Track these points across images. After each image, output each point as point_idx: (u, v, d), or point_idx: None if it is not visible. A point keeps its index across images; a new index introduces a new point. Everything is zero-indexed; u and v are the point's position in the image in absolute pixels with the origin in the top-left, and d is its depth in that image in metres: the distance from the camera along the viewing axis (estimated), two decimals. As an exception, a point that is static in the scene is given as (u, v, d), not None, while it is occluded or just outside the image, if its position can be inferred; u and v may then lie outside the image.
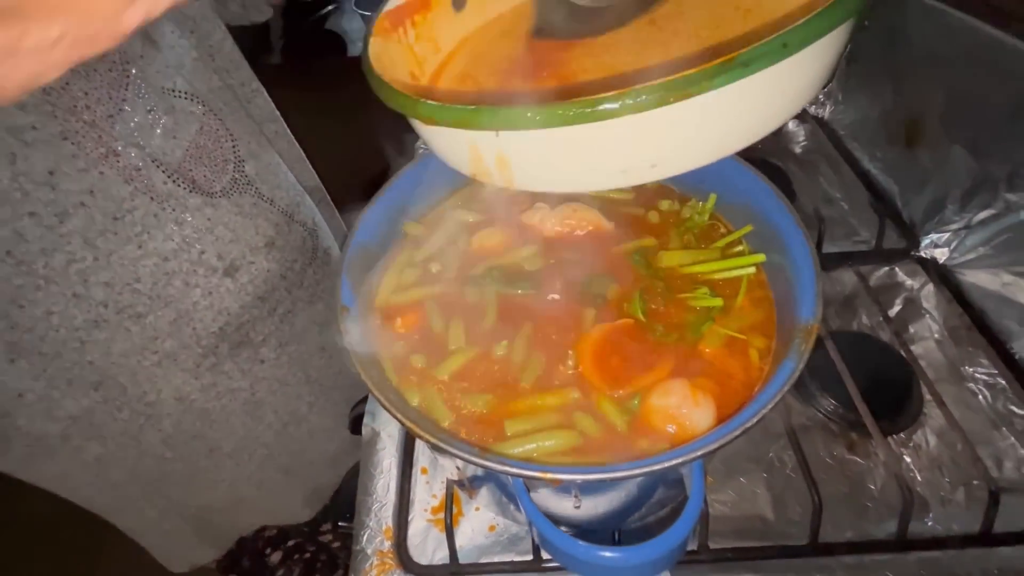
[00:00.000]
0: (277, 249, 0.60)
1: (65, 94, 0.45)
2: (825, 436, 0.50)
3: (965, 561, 0.40)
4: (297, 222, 0.63)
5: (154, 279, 0.52)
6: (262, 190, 0.58)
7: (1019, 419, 0.49)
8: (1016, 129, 0.51)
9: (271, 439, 0.67)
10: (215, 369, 0.59)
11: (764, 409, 0.28)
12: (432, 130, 0.28)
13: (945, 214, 0.59)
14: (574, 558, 0.27)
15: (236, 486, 0.67)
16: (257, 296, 0.59)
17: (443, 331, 0.40)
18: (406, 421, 0.30)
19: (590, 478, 0.26)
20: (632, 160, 0.25)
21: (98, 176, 0.47)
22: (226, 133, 0.56)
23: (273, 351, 0.63)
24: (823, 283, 0.36)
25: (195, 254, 0.53)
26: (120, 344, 0.53)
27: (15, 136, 0.43)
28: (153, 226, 0.50)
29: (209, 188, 0.53)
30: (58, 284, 0.48)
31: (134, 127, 0.48)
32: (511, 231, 0.46)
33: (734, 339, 0.37)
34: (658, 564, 0.26)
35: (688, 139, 0.25)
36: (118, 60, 0.47)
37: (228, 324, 0.58)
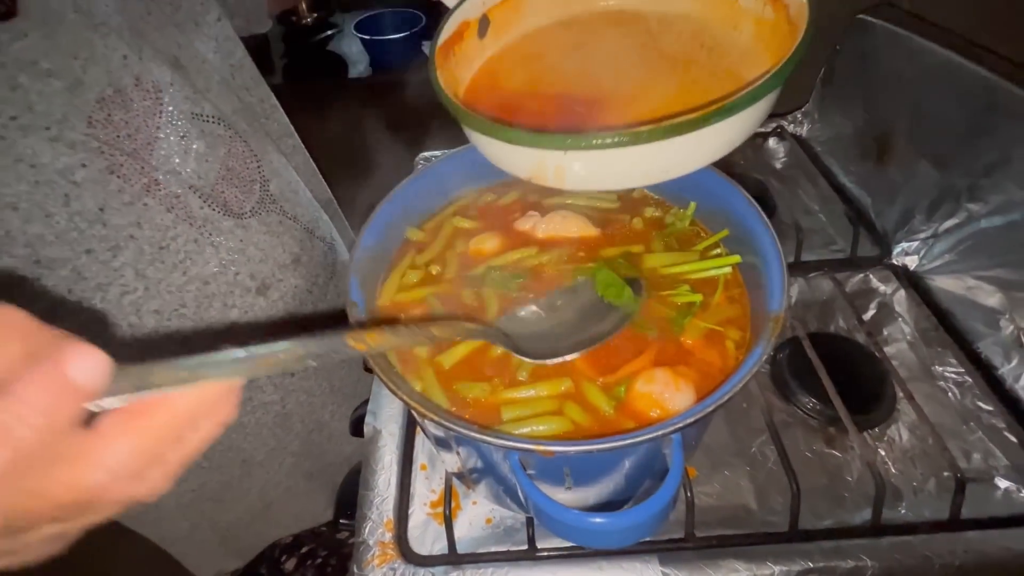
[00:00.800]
0: (303, 265, 0.62)
1: (109, 126, 0.47)
2: (805, 431, 0.52)
3: (934, 544, 0.42)
4: (318, 237, 0.66)
5: (197, 303, 0.54)
6: (285, 208, 0.61)
7: (985, 414, 0.51)
8: (974, 145, 0.55)
9: (298, 447, 0.69)
10: (251, 384, 0.61)
11: (734, 389, 0.31)
12: (502, 146, 0.35)
13: (914, 224, 0.63)
14: (566, 525, 0.29)
15: (265, 492, 0.69)
16: (287, 312, 0.61)
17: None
18: (411, 401, 0.32)
19: (580, 449, 0.29)
20: (652, 167, 0.35)
21: (143, 208, 0.49)
22: (251, 153, 0.58)
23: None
24: (788, 279, 0.40)
25: (231, 275, 0.55)
26: None
27: (66, 177, 0.46)
28: (194, 252, 0.53)
29: (239, 209, 0.56)
30: (114, 316, 0.50)
31: (170, 154, 0.51)
32: (506, 237, 0.49)
33: (712, 332, 0.40)
34: (641, 528, 0.29)
35: (688, 155, 0.35)
36: (151, 88, 0.50)
37: (262, 341, 0.60)
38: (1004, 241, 0.53)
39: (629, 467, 0.35)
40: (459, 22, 0.44)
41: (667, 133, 0.31)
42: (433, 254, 0.49)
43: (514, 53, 0.46)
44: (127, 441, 0.23)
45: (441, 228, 0.51)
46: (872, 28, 0.67)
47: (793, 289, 0.63)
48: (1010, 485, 0.47)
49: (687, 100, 0.36)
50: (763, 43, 0.40)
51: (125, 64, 0.49)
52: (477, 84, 0.45)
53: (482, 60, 0.46)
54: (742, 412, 0.54)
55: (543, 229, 0.48)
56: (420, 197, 0.51)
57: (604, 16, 0.47)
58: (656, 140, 0.31)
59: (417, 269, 0.47)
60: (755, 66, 0.39)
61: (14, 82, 0.44)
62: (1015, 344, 0.52)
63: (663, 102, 0.37)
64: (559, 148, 0.34)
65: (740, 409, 0.54)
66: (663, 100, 0.37)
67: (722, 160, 0.73)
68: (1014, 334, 0.52)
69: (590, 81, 0.41)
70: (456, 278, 0.46)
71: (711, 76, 0.39)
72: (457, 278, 0.46)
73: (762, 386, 0.55)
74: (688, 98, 0.36)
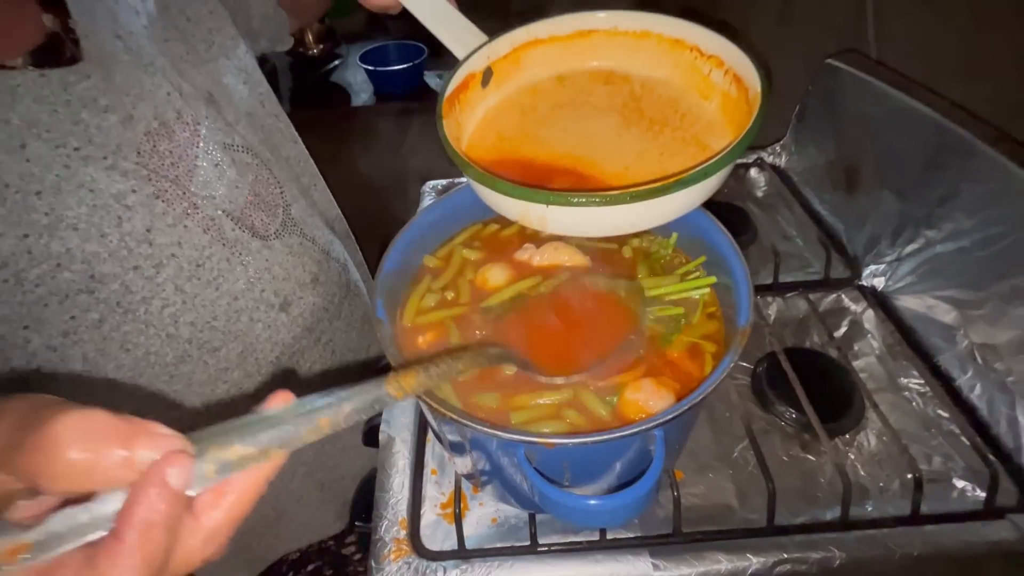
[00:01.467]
0: (320, 284, 0.67)
1: (155, 155, 0.53)
2: (782, 438, 0.58)
3: (895, 537, 0.47)
4: (333, 258, 0.71)
5: (227, 316, 0.58)
6: (305, 231, 0.67)
7: (945, 421, 0.57)
8: (928, 178, 0.61)
9: (311, 457, 0.73)
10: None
11: (704, 392, 0.36)
12: (496, 194, 0.42)
13: (880, 248, 0.69)
14: (565, 507, 0.34)
15: (279, 501, 0.72)
16: (305, 327, 0.66)
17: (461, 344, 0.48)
18: (432, 403, 0.38)
19: (576, 441, 0.34)
20: (620, 222, 0.42)
21: (183, 229, 0.55)
22: (274, 180, 0.64)
23: (318, 377, 0.69)
24: (770, 299, 0.45)
25: (257, 292, 0.60)
26: (199, 375, 0.59)
27: (119, 201, 0.51)
28: (226, 270, 0.58)
29: (265, 232, 0.61)
30: (155, 327, 0.54)
31: (206, 181, 0.57)
32: (507, 266, 0.55)
33: (694, 345, 0.45)
34: (628, 509, 0.34)
35: (651, 214, 0.42)
36: (190, 121, 0.56)
37: (283, 353, 0.64)
38: (956, 264, 0.59)
39: (619, 464, 0.40)
40: (466, 74, 0.50)
41: (632, 199, 0.37)
42: (447, 280, 0.54)
43: (512, 103, 0.53)
44: (223, 514, 0.27)
45: (452, 256, 0.57)
46: (838, 72, 0.74)
47: (772, 308, 0.69)
48: (966, 485, 0.52)
49: (659, 161, 0.42)
50: (727, 116, 0.47)
51: (168, 100, 0.56)
52: (480, 131, 0.51)
53: (484, 108, 0.52)
54: (725, 420, 0.59)
55: (538, 259, 0.54)
56: (434, 226, 0.57)
57: (595, 74, 0.53)
58: (623, 204, 0.38)
59: (433, 293, 0.53)
60: (720, 135, 0.45)
61: (77, 117, 0.50)
62: (969, 357, 0.58)
63: (637, 161, 0.43)
64: (543, 203, 0.40)
65: (723, 418, 0.59)
66: (638, 159, 0.43)
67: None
68: (968, 348, 0.58)
69: (577, 134, 0.47)
70: (469, 304, 0.52)
71: (681, 141, 0.46)
72: (470, 304, 0.52)
73: (743, 397, 0.61)
74: (660, 159, 0.42)
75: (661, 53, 0.51)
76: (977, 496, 0.51)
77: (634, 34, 0.52)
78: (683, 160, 0.45)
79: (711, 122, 0.47)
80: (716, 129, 0.46)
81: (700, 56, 0.49)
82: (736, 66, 0.46)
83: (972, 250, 0.57)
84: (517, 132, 0.50)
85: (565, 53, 0.53)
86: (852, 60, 0.74)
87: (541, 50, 0.53)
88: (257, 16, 0.70)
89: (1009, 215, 0.53)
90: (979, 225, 0.56)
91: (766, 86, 0.43)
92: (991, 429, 0.55)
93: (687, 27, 0.50)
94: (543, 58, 0.53)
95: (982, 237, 0.56)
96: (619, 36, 0.52)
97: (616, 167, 0.44)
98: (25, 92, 0.48)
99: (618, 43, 0.52)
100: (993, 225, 0.54)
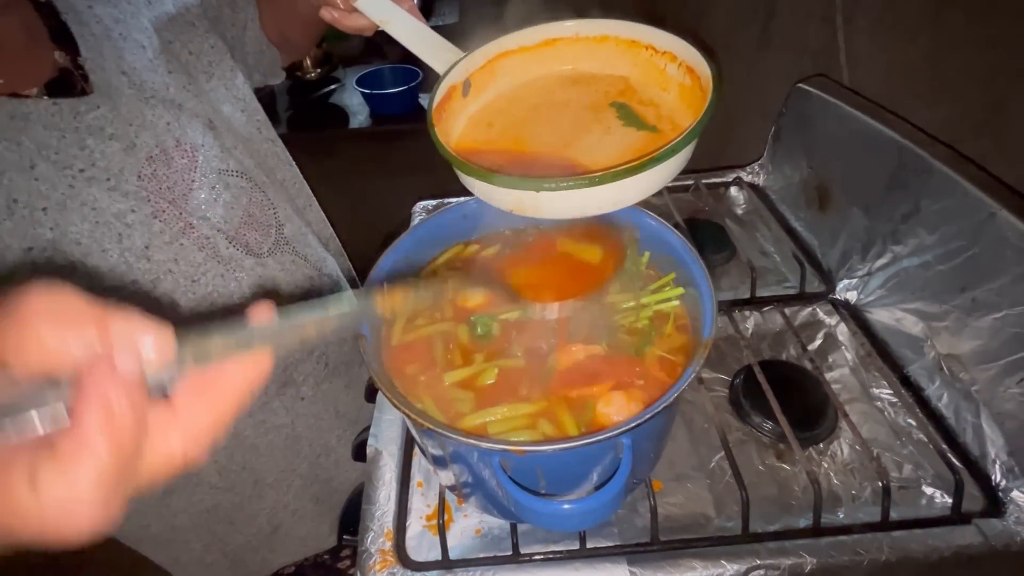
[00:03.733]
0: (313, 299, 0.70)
1: (154, 179, 0.57)
2: (758, 448, 0.59)
3: (865, 543, 0.49)
4: (325, 275, 0.73)
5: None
6: (297, 249, 0.69)
7: (915, 430, 0.59)
8: (892, 196, 0.64)
9: (306, 470, 0.74)
10: (265, 407, 0.67)
11: (666, 401, 0.38)
12: (491, 187, 0.46)
13: (852, 263, 0.71)
14: (539, 512, 0.36)
15: (275, 514, 0.74)
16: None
17: (444, 358, 0.50)
18: (411, 414, 0.40)
19: (544, 449, 0.36)
20: (602, 202, 0.46)
21: (179, 247, 0.58)
22: (268, 202, 0.67)
23: (311, 389, 0.71)
24: (743, 313, 0.47)
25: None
26: None
27: (120, 220, 0.55)
28: (220, 285, 0.60)
29: (258, 250, 0.64)
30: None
31: (202, 203, 0.60)
32: (488, 286, 0.57)
33: (663, 357, 0.48)
34: (597, 512, 0.36)
35: (627, 192, 0.46)
36: (188, 148, 0.60)
37: (276, 366, 0.66)
38: (921, 278, 0.61)
39: (593, 472, 0.42)
40: (448, 87, 0.55)
41: (608, 179, 0.42)
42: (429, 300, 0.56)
43: (492, 109, 0.57)
44: (203, 410, 0.25)
45: (434, 277, 0.59)
46: (808, 95, 0.77)
47: (749, 322, 0.71)
48: (935, 491, 0.54)
49: (627, 146, 0.46)
50: (686, 103, 0.51)
51: (168, 129, 0.59)
52: (466, 135, 0.55)
53: (467, 115, 0.57)
54: (703, 431, 0.60)
55: (514, 279, 0.56)
56: (418, 247, 0.59)
57: (563, 77, 0.58)
58: (602, 183, 0.42)
59: (418, 314, 0.55)
60: (681, 121, 0.50)
61: (83, 143, 0.54)
62: (936, 368, 0.60)
63: (610, 148, 0.48)
64: (533, 190, 0.44)
65: (701, 429, 0.61)
66: (609, 146, 0.49)
67: (688, 206, 0.85)
68: (935, 359, 0.60)
69: (552, 129, 0.52)
70: (452, 320, 0.54)
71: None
72: (452, 320, 0.54)
73: (720, 408, 0.63)
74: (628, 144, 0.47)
75: (620, 54, 0.56)
76: (945, 502, 0.53)
77: (595, 39, 0.57)
78: (647, 144, 0.50)
79: (672, 110, 0.52)
80: (677, 116, 0.51)
81: (655, 53, 0.54)
82: (688, 59, 0.51)
83: (934, 264, 0.59)
84: (499, 133, 0.54)
85: (535, 60, 0.58)
86: (820, 84, 0.77)
87: (513, 59, 0.58)
88: (252, 52, 0.74)
89: (965, 231, 0.55)
90: (939, 240, 0.58)
91: (716, 72, 0.48)
92: (958, 437, 0.57)
93: (641, 29, 0.55)
94: (515, 66, 0.58)
95: (943, 252, 0.58)
96: (581, 41, 0.57)
97: (591, 155, 0.49)
98: (37, 118, 0.52)
99: (581, 48, 0.57)
100: (952, 240, 0.57)
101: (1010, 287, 0.51)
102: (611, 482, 0.36)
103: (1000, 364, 0.53)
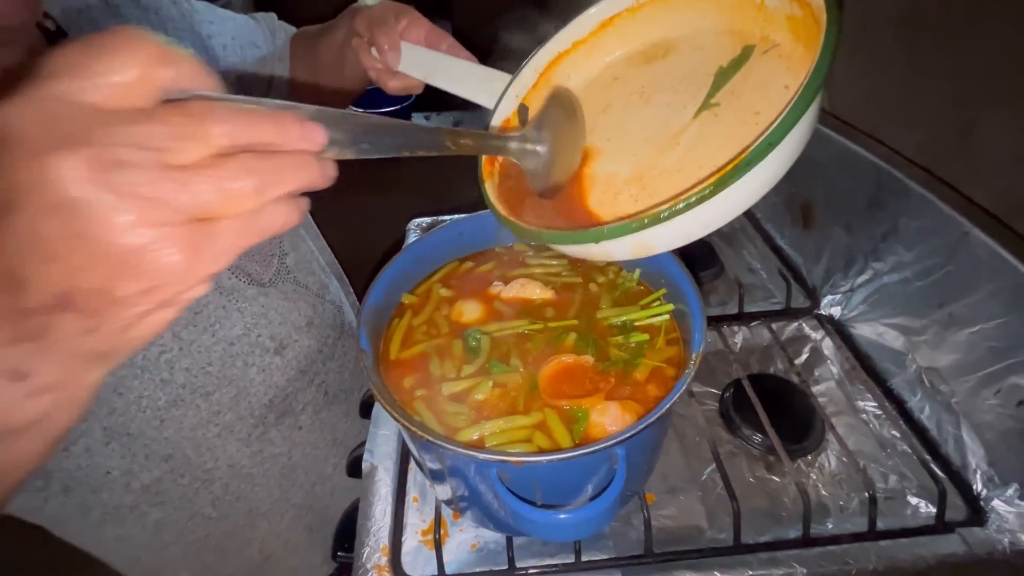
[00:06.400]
0: (315, 327, 0.68)
1: None
2: (748, 460, 0.60)
3: (853, 552, 0.50)
4: (328, 301, 0.73)
5: (222, 362, 0.60)
6: (298, 277, 0.69)
7: (899, 441, 0.60)
8: (872, 215, 0.67)
9: (301, 499, 0.73)
10: (263, 437, 0.66)
11: (660, 412, 0.39)
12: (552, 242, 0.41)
13: (836, 280, 0.73)
14: (536, 522, 0.37)
15: (267, 544, 0.72)
16: (299, 370, 0.67)
17: (440, 372, 0.51)
18: (411, 426, 0.40)
19: (540, 459, 0.37)
20: (683, 233, 0.39)
21: None
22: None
23: (309, 418, 0.70)
24: (732, 328, 0.48)
25: (254, 337, 0.62)
26: (191, 419, 0.59)
27: None
28: (222, 316, 0.59)
29: (260, 279, 0.63)
30: (150, 372, 0.56)
31: None
32: (479, 301, 0.58)
33: (656, 369, 0.49)
34: (592, 522, 0.36)
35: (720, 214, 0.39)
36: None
37: (276, 396, 0.65)
38: (901, 294, 0.64)
39: (588, 483, 0.43)
40: (500, 123, 0.48)
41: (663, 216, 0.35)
42: (426, 316, 0.58)
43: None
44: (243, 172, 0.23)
45: (430, 293, 0.60)
46: (791, 119, 0.80)
47: (738, 337, 0.73)
48: (919, 501, 0.55)
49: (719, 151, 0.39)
50: (801, 40, 0.40)
51: None
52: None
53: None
54: (695, 445, 0.61)
55: (506, 294, 0.58)
56: (413, 264, 0.60)
57: (632, 58, 0.47)
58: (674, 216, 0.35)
59: (414, 329, 0.56)
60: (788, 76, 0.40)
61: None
62: (918, 381, 0.62)
63: (699, 145, 0.41)
64: (593, 241, 0.38)
65: (693, 442, 0.62)
66: (698, 142, 0.41)
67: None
68: (917, 372, 0.62)
69: (627, 139, 0.43)
70: (447, 336, 0.55)
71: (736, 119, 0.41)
72: (447, 336, 0.55)
73: (711, 422, 0.64)
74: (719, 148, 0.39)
75: (695, 3, 0.45)
76: (930, 512, 0.54)
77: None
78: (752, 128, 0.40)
79: (775, 66, 0.40)
80: (779, 74, 0.39)
81: None
82: None
83: (913, 280, 0.62)
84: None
85: (597, 51, 0.49)
86: (802, 108, 0.80)
87: (570, 60, 0.49)
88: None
89: (940, 249, 0.58)
90: (917, 257, 0.61)
91: None
92: (940, 448, 0.58)
93: None
94: (576, 67, 0.49)
95: (920, 268, 0.61)
96: (644, 7, 0.46)
97: (692, 158, 0.40)
98: None
99: (646, 15, 0.46)
100: (929, 257, 0.59)
101: (984, 302, 0.54)
102: (606, 492, 0.37)
103: (978, 376, 0.55)
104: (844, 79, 0.79)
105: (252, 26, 0.74)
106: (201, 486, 0.64)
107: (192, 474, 0.62)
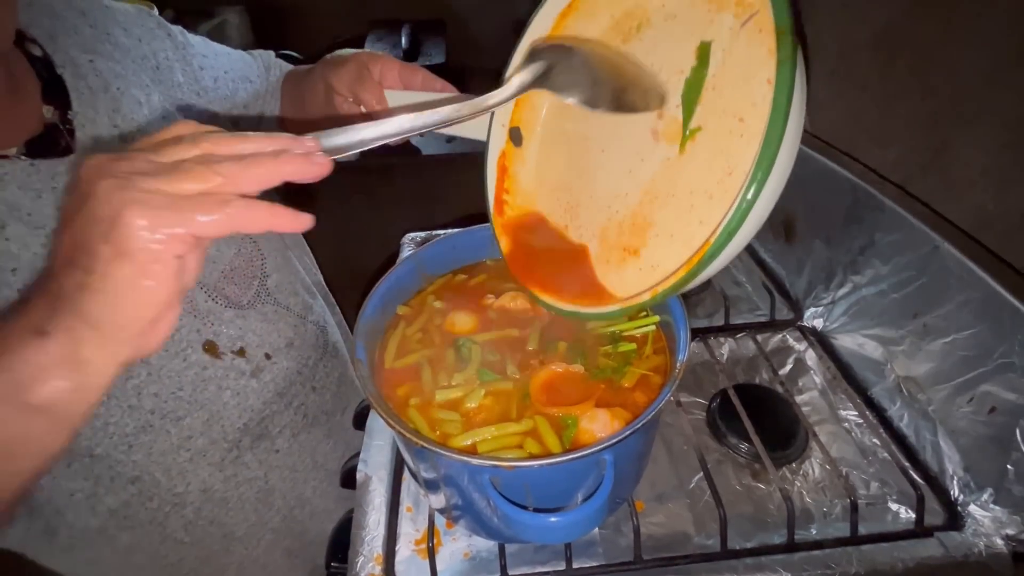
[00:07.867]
0: (295, 348, 0.67)
1: None
2: (735, 468, 0.62)
3: (835, 557, 0.51)
4: (310, 321, 0.71)
5: (194, 386, 0.58)
6: (279, 299, 0.67)
7: (880, 449, 0.62)
8: (849, 229, 0.69)
9: (279, 523, 0.71)
10: (237, 461, 0.64)
11: (646, 418, 0.41)
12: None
13: (818, 292, 0.76)
14: (527, 525, 0.38)
15: (244, 569, 0.70)
16: (277, 392, 0.65)
17: (433, 381, 0.53)
18: (406, 433, 0.42)
19: (531, 464, 0.38)
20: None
21: None
22: (258, 252, 0.65)
23: (287, 441, 0.68)
24: (718, 339, 0.49)
25: (228, 360, 0.60)
26: (160, 444, 0.58)
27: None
28: (196, 340, 0.58)
29: (238, 301, 0.62)
30: (117, 399, 0.55)
31: None
32: (471, 312, 0.60)
33: (643, 377, 0.51)
34: (582, 524, 0.38)
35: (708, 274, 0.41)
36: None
37: (251, 419, 0.64)
38: (879, 306, 0.66)
39: (578, 488, 0.44)
40: (496, 159, 0.48)
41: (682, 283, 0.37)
42: (419, 327, 0.59)
43: (553, 139, 0.47)
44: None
45: (423, 304, 0.62)
46: (772, 137, 0.83)
47: (724, 348, 0.75)
48: (900, 507, 0.57)
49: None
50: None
51: None
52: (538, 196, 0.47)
53: (533, 168, 0.49)
54: (683, 453, 0.63)
55: (500, 305, 0.59)
56: (408, 277, 0.62)
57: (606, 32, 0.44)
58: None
59: (408, 339, 0.57)
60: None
61: (60, 203, 0.52)
62: (896, 390, 0.64)
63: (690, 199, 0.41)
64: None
65: (681, 450, 0.63)
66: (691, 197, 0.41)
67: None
68: (895, 381, 0.64)
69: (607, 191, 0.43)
70: (439, 346, 0.57)
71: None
72: (440, 346, 0.57)
73: (698, 431, 0.65)
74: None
75: None
76: (910, 517, 0.56)
77: None
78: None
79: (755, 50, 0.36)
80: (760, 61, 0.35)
81: None
82: None
83: (889, 292, 0.64)
84: (566, 166, 0.47)
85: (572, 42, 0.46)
86: (783, 127, 0.83)
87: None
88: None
89: (914, 262, 0.60)
90: (893, 270, 0.63)
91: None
92: (919, 455, 0.60)
93: None
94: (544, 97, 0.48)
95: (896, 281, 0.63)
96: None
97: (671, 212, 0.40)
98: (11, 179, 0.50)
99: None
100: (903, 270, 0.62)
101: (955, 313, 0.56)
102: (595, 495, 0.39)
103: (952, 384, 0.57)
104: (822, 99, 0.82)
105: (248, 61, 0.76)
106: (172, 510, 0.62)
107: (161, 497, 0.61)
